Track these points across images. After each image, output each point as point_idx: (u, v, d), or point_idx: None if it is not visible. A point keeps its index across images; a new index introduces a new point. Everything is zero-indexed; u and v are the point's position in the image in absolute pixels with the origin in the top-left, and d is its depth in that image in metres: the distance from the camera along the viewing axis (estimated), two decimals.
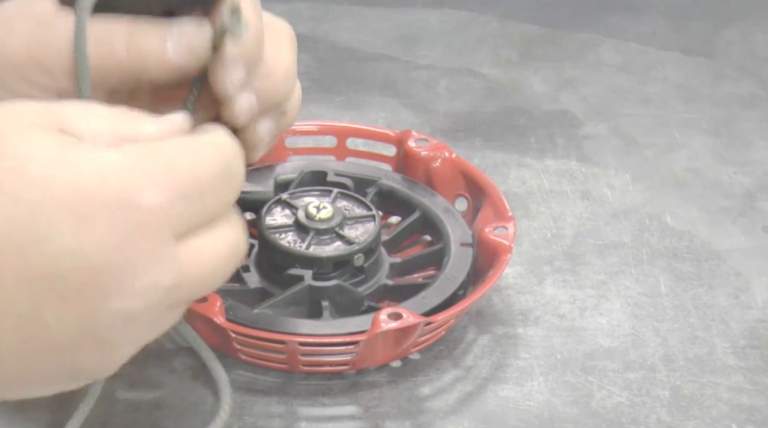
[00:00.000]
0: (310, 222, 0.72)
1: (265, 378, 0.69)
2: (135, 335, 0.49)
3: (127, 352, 0.50)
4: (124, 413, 0.66)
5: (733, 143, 0.92)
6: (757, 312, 0.75)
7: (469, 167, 0.78)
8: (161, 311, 0.49)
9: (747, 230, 0.83)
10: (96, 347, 0.49)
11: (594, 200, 0.85)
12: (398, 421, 0.67)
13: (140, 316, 0.48)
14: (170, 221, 0.48)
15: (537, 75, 1.01)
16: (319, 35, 1.05)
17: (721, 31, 1.08)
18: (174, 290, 0.49)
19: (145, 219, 0.47)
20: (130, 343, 0.50)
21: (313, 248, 0.71)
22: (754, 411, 0.68)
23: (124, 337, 0.49)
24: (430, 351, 0.71)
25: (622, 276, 0.78)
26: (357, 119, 0.92)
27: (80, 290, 0.47)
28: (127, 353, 0.50)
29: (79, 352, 0.48)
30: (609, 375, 0.70)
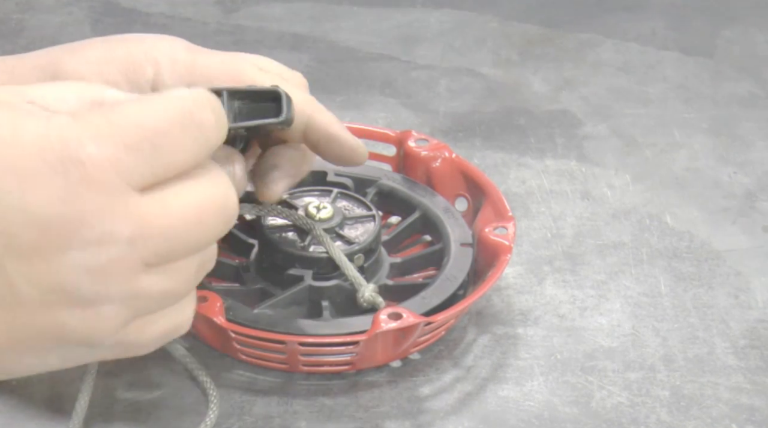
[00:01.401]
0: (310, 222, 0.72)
1: (265, 378, 0.69)
2: (112, 291, 0.49)
3: (111, 311, 0.49)
4: (124, 413, 0.66)
5: (733, 143, 0.92)
6: (757, 312, 0.75)
7: (469, 167, 0.78)
8: (135, 266, 0.49)
9: (747, 230, 0.83)
10: (71, 303, 0.49)
11: (594, 200, 0.85)
12: (398, 421, 0.67)
13: (109, 269, 0.48)
14: (121, 173, 0.48)
15: (537, 75, 1.01)
16: (319, 35, 1.05)
17: (721, 31, 1.08)
18: (139, 242, 0.48)
19: (88, 172, 0.47)
20: (108, 300, 0.49)
21: (313, 248, 0.71)
22: (754, 411, 0.68)
23: (98, 292, 0.49)
24: (430, 351, 0.71)
25: (622, 276, 0.78)
26: (357, 119, 0.92)
27: (35, 247, 0.47)
28: (111, 312, 0.49)
29: (55, 310, 0.49)
30: (609, 375, 0.70)
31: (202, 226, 0.50)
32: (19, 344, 0.50)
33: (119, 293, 0.49)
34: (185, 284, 0.51)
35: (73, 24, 1.05)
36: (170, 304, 0.52)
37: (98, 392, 0.66)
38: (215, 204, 0.51)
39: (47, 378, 0.68)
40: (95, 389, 0.65)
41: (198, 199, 0.50)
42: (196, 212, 0.50)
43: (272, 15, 1.08)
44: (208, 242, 0.51)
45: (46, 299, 0.48)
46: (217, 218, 0.51)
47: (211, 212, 0.50)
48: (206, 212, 0.50)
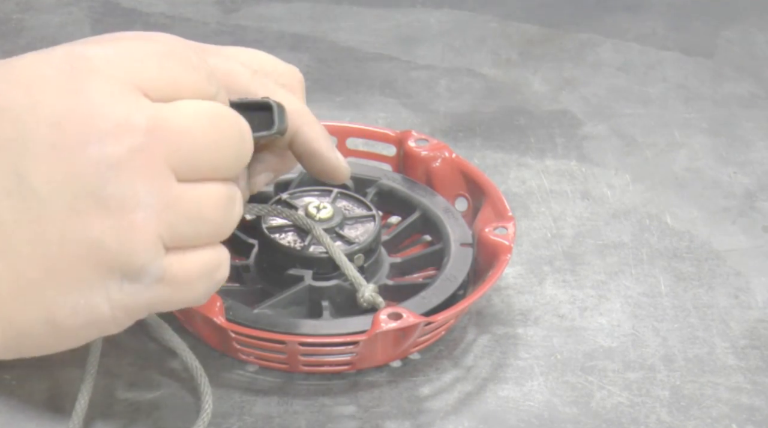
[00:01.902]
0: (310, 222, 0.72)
1: (265, 378, 0.69)
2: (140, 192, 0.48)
3: (143, 219, 0.48)
4: (124, 413, 0.66)
5: (733, 143, 0.92)
6: (757, 312, 0.75)
7: (469, 167, 0.78)
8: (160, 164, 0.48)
9: (747, 230, 0.83)
10: (99, 208, 0.48)
11: (594, 200, 0.85)
12: (398, 421, 0.67)
13: (132, 164, 0.48)
14: (128, 71, 0.48)
15: (537, 75, 1.01)
16: (319, 35, 1.05)
17: (721, 31, 1.08)
18: (158, 134, 0.48)
19: (95, 65, 0.48)
20: (138, 204, 0.48)
21: (313, 248, 0.71)
22: (754, 411, 0.68)
23: (125, 193, 0.48)
24: (430, 351, 0.71)
25: (622, 276, 0.78)
26: (357, 119, 0.92)
27: (52, 145, 0.47)
28: (144, 221, 0.48)
29: (85, 219, 0.47)
30: (609, 375, 0.70)
31: (216, 135, 0.50)
32: (57, 272, 0.48)
33: (148, 196, 0.48)
34: (214, 213, 0.51)
35: (73, 24, 1.05)
36: (205, 240, 0.51)
37: (98, 392, 0.66)
38: (227, 118, 0.51)
39: (47, 378, 0.68)
40: (95, 389, 0.65)
41: (206, 111, 0.50)
42: (209, 119, 0.50)
43: (272, 15, 1.08)
44: (227, 164, 0.51)
45: (73, 205, 0.47)
46: (231, 133, 0.51)
47: (222, 124, 0.51)
48: (218, 122, 0.50)
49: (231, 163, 0.51)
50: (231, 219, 0.52)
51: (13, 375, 0.68)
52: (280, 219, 0.72)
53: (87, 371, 0.65)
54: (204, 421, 0.64)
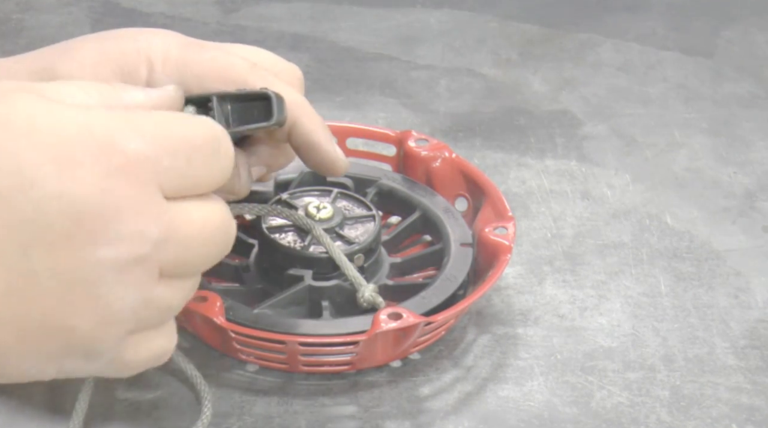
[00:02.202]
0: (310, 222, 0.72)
1: (265, 378, 0.69)
2: (129, 295, 0.49)
3: (122, 317, 0.49)
4: (124, 413, 0.66)
5: (733, 143, 0.92)
6: (757, 312, 0.75)
7: (469, 167, 0.78)
8: (154, 272, 0.49)
9: (747, 230, 0.83)
10: (88, 302, 0.48)
11: (594, 200, 0.85)
12: (398, 421, 0.67)
13: (132, 270, 0.49)
14: (156, 174, 0.48)
15: (537, 75, 1.01)
16: (319, 35, 1.05)
17: (721, 31, 1.08)
18: (164, 246, 0.49)
19: (129, 164, 0.48)
20: (123, 305, 0.49)
21: (313, 248, 0.71)
22: (754, 411, 0.68)
23: (117, 293, 0.49)
24: (430, 351, 0.71)
25: (622, 276, 0.78)
26: (357, 119, 0.92)
27: (67, 236, 0.47)
28: (122, 319, 0.49)
29: (71, 308, 0.48)
30: (609, 375, 0.70)
31: (213, 242, 0.52)
32: (25, 345, 0.49)
33: (134, 299, 0.49)
34: (182, 303, 0.52)
35: (73, 24, 1.05)
36: (165, 322, 0.52)
37: (98, 392, 0.66)
38: (224, 224, 0.52)
39: None
40: (95, 389, 0.65)
41: (212, 216, 0.51)
42: (211, 228, 0.51)
43: (272, 15, 1.08)
44: (212, 261, 0.52)
45: (65, 295, 0.48)
46: (223, 237, 0.52)
47: (220, 231, 0.52)
48: (217, 230, 0.52)
49: (213, 262, 0.53)
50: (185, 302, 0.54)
51: None
52: (280, 219, 0.72)
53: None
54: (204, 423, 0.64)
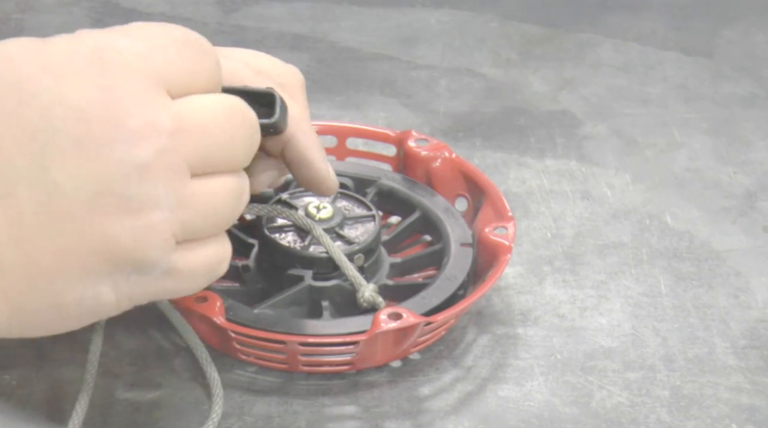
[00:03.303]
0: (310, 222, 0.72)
1: (265, 378, 0.69)
2: (160, 193, 0.49)
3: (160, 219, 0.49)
4: (124, 413, 0.66)
5: (733, 143, 0.92)
6: (757, 312, 0.75)
7: (469, 167, 0.78)
8: (181, 165, 0.49)
9: (747, 230, 0.83)
10: (120, 208, 0.48)
11: (594, 200, 0.85)
12: (398, 421, 0.67)
13: (156, 165, 0.48)
14: (152, 68, 0.49)
15: (537, 75, 1.01)
16: (319, 35, 1.05)
17: (721, 31, 1.08)
18: (181, 136, 0.49)
19: (125, 60, 0.48)
20: (157, 204, 0.49)
21: (313, 248, 0.71)
22: (754, 411, 0.68)
23: (147, 193, 0.49)
24: (430, 351, 0.71)
25: (622, 276, 0.78)
26: (357, 119, 0.92)
27: (78, 140, 0.47)
28: (161, 221, 0.49)
29: (104, 217, 0.48)
30: (609, 375, 0.70)
31: (231, 125, 0.51)
32: (69, 263, 0.49)
33: (167, 197, 0.49)
34: (225, 206, 0.52)
35: (73, 24, 1.05)
36: (213, 231, 0.52)
37: (98, 392, 0.66)
38: (237, 107, 0.52)
39: (47, 378, 0.68)
40: (95, 389, 0.65)
41: (223, 101, 0.51)
42: (225, 112, 0.51)
43: (272, 15, 1.08)
44: (240, 150, 0.52)
45: (95, 203, 0.48)
46: (243, 126, 0.52)
47: (236, 114, 0.52)
48: (232, 113, 0.51)
49: (242, 155, 0.53)
50: (239, 210, 0.54)
51: (13, 375, 0.68)
52: (280, 219, 0.72)
53: (87, 371, 0.65)
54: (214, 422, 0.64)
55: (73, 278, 0.49)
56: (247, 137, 0.53)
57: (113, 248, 0.49)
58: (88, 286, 0.50)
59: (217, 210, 0.52)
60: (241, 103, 0.53)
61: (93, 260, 0.49)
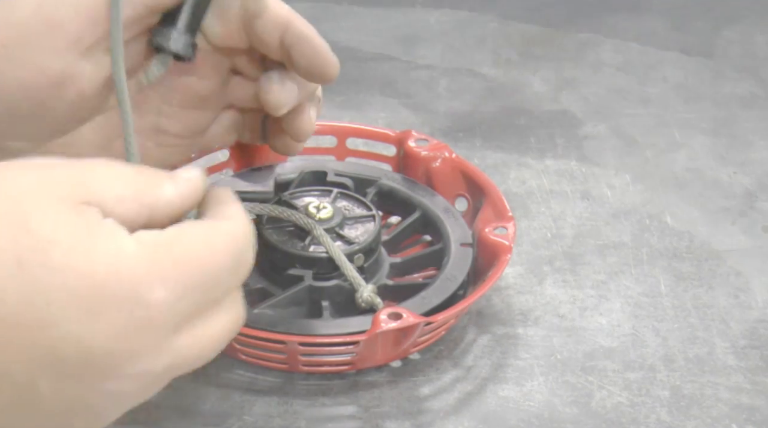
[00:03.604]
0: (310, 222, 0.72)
1: (265, 378, 0.69)
2: (124, 407, 0.52)
3: (115, 417, 0.52)
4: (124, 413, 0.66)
5: (733, 143, 0.92)
6: (757, 312, 0.75)
7: (469, 167, 0.78)
8: (151, 388, 0.51)
9: (747, 230, 0.83)
10: (87, 416, 0.50)
11: (594, 200, 0.85)
12: (398, 421, 0.67)
13: (131, 394, 0.51)
14: (174, 316, 0.49)
15: (537, 75, 1.01)
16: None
17: (721, 31, 1.08)
18: (167, 373, 0.50)
19: (150, 315, 0.48)
20: (118, 412, 0.52)
21: (313, 248, 0.71)
22: (754, 411, 0.68)
23: (114, 410, 0.51)
24: (430, 351, 0.71)
25: (622, 276, 0.78)
26: (357, 119, 0.92)
27: (78, 373, 0.48)
28: (114, 417, 0.52)
29: (70, 420, 0.50)
30: (609, 375, 0.70)
31: (220, 348, 0.52)
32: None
33: (128, 407, 0.52)
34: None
35: None
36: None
37: None
38: (236, 326, 0.53)
39: None
40: None
41: (224, 330, 0.52)
42: (220, 341, 0.52)
43: None
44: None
45: (68, 414, 0.50)
46: (234, 334, 0.53)
47: (230, 334, 0.52)
48: (228, 337, 0.52)
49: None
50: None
51: None
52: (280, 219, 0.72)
53: None
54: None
55: None
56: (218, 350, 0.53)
57: None
58: None
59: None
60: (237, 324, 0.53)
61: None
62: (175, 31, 0.60)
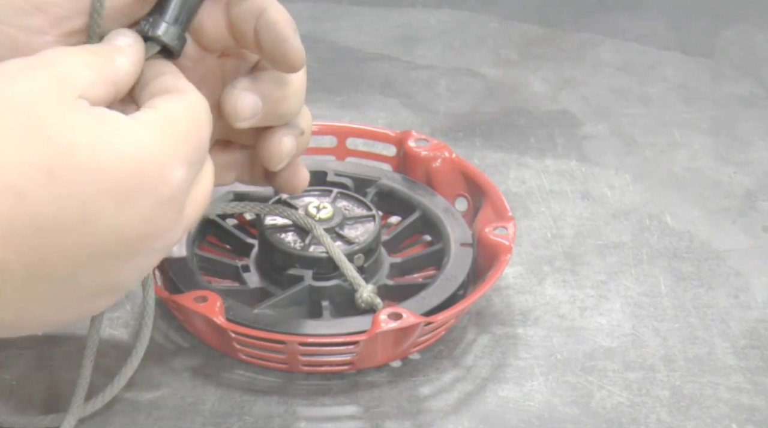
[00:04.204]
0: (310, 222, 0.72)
1: (265, 378, 0.69)
2: (143, 276, 0.56)
3: (134, 287, 0.57)
4: (124, 413, 0.66)
5: (733, 143, 0.92)
6: (757, 312, 0.75)
7: (469, 167, 0.78)
8: (163, 256, 0.55)
9: (747, 230, 0.83)
10: (113, 292, 0.54)
11: (594, 200, 0.85)
12: (398, 421, 0.67)
13: (152, 266, 0.55)
14: (187, 189, 0.54)
15: (537, 75, 1.01)
16: (319, 35, 1.05)
17: (721, 31, 1.08)
18: (179, 240, 0.55)
19: (173, 193, 0.53)
20: (138, 282, 0.56)
21: (313, 248, 0.71)
22: (754, 411, 0.68)
23: (136, 281, 0.55)
24: (430, 351, 0.71)
25: (622, 276, 0.78)
26: (357, 119, 0.92)
27: (115, 259, 0.52)
28: (134, 288, 0.57)
29: (96, 299, 0.54)
30: (609, 375, 0.70)
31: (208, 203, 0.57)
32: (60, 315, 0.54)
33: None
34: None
35: None
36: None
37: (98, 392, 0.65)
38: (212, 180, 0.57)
39: (47, 378, 0.68)
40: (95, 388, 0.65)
41: (208, 183, 0.57)
42: (208, 194, 0.57)
43: None
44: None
45: (97, 296, 0.53)
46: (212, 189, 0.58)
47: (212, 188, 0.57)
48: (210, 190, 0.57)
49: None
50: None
51: (13, 375, 0.68)
52: (280, 219, 0.72)
53: (83, 366, 0.63)
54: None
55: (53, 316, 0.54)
56: None
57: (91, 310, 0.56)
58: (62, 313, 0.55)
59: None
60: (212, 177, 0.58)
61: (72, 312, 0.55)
62: (164, 21, 0.59)
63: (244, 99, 0.63)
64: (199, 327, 0.69)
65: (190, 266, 0.71)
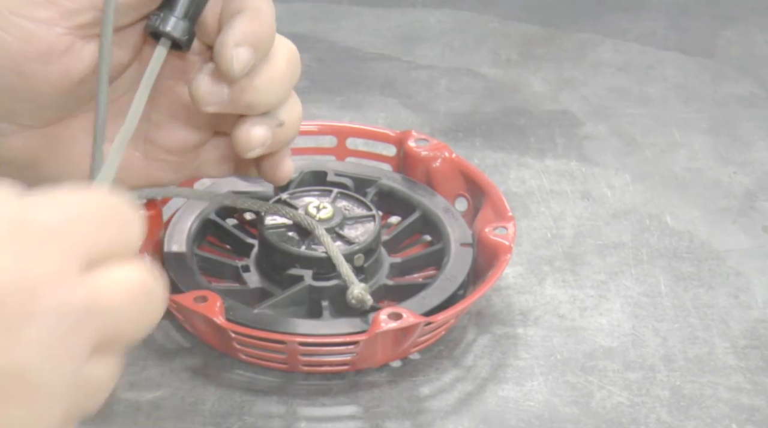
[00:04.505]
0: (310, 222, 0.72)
1: (265, 378, 0.69)
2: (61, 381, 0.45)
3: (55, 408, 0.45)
4: (124, 413, 0.66)
5: (733, 143, 0.92)
6: (757, 312, 0.75)
7: (469, 167, 0.78)
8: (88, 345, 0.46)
9: (747, 230, 0.83)
10: (19, 391, 0.44)
11: (594, 200, 0.85)
12: (398, 421, 0.67)
13: (61, 351, 0.45)
14: (73, 241, 0.45)
15: (537, 75, 1.01)
16: (319, 35, 1.05)
17: (721, 31, 1.08)
18: (94, 310, 0.45)
19: (44, 235, 0.44)
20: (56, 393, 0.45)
21: (313, 248, 0.71)
22: (754, 411, 0.68)
23: (48, 380, 0.44)
24: (430, 351, 0.71)
25: (622, 276, 0.78)
26: (357, 119, 0.92)
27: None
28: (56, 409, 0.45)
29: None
30: (609, 375, 0.70)
31: (141, 310, 0.48)
32: None
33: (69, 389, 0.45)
34: (111, 382, 0.48)
35: None
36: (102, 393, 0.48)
37: None
38: (148, 284, 0.48)
39: None
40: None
41: (135, 278, 0.47)
42: (138, 289, 0.47)
43: None
44: (142, 329, 0.48)
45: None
46: (151, 299, 0.48)
47: (147, 292, 0.48)
48: (143, 291, 0.48)
49: (143, 329, 0.48)
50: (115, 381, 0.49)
51: None
52: (280, 219, 0.72)
53: None
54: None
55: None
56: (149, 312, 0.48)
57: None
58: None
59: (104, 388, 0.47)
60: (152, 282, 0.48)
61: None
62: (174, 16, 0.59)
63: (208, 84, 0.62)
64: (199, 327, 0.69)
65: (190, 266, 0.71)
